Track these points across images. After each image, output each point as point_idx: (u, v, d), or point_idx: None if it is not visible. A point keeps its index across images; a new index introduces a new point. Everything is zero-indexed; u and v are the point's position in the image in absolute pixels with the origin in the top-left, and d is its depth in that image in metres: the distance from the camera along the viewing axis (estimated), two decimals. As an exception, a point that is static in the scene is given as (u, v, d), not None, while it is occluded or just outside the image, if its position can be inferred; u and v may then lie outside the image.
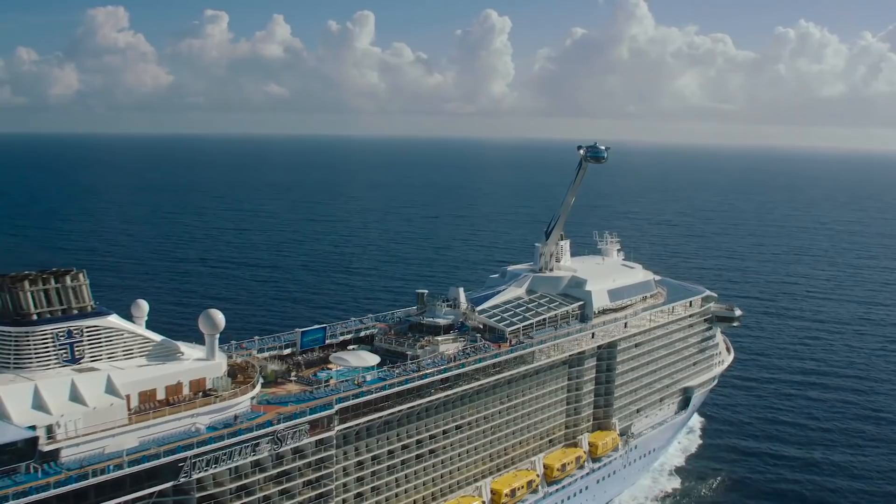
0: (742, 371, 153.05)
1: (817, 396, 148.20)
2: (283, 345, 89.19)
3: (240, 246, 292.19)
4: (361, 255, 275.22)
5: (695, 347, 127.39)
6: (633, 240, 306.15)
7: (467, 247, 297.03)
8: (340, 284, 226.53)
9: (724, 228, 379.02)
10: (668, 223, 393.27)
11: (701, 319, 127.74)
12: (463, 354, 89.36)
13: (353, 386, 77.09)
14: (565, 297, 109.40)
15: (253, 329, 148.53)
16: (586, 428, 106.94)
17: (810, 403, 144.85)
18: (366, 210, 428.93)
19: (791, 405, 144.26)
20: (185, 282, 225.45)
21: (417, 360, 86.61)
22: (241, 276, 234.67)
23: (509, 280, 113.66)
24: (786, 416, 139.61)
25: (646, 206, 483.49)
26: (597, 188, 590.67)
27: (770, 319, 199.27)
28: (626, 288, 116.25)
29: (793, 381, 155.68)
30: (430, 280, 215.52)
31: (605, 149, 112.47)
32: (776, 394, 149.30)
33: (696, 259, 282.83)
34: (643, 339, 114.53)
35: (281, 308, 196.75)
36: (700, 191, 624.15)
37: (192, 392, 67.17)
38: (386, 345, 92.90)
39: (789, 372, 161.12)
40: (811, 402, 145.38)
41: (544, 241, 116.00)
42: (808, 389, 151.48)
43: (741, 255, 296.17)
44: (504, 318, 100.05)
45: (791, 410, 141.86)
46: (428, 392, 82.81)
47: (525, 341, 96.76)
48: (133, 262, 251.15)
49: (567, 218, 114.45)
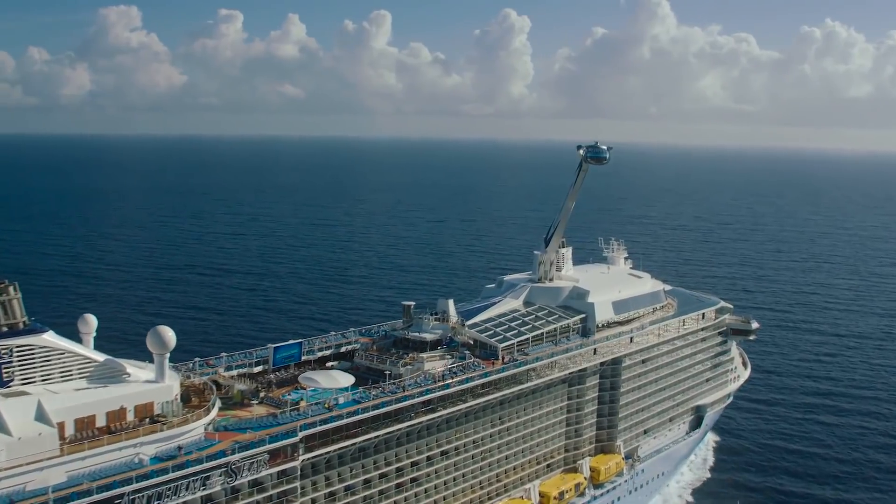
0: (751, 391, 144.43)
1: (832, 421, 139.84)
2: (253, 362, 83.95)
3: (232, 252, 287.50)
4: (358, 261, 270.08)
5: (708, 363, 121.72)
6: (645, 246, 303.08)
7: (470, 253, 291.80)
8: (331, 293, 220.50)
9: (741, 234, 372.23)
10: (682, 228, 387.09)
11: (714, 332, 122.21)
12: (450, 373, 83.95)
13: (322, 409, 71.67)
14: (565, 310, 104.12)
15: (229, 342, 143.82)
16: (588, 451, 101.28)
17: (824, 430, 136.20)
18: (370, 213, 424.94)
19: (802, 431, 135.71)
20: (166, 290, 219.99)
21: (400, 379, 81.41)
22: (227, 285, 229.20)
23: (505, 291, 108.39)
24: (796, 443, 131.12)
25: (661, 209, 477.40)
26: (612, 191, 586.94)
27: (783, 333, 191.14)
28: (633, 299, 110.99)
29: (805, 404, 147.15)
30: (426, 289, 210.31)
31: (606, 149, 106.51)
32: (786, 418, 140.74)
33: (709, 267, 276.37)
34: (651, 355, 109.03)
35: (263, 319, 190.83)
36: (719, 194, 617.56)
37: (138, 418, 61.68)
38: (367, 362, 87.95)
39: (802, 392, 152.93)
40: (825, 428, 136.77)
41: (543, 249, 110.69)
42: (822, 413, 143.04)
43: (758, 263, 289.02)
44: (497, 333, 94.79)
45: (802, 437, 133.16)
46: (408, 416, 77.32)
47: (519, 358, 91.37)
48: (115, 270, 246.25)
49: (568, 223, 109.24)
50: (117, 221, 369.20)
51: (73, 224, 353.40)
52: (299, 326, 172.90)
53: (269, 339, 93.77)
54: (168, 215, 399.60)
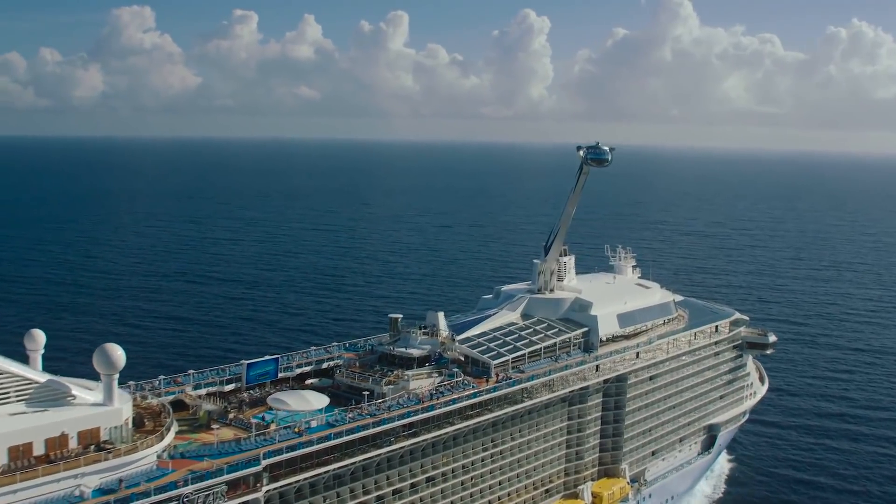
0: (761, 412, 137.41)
1: (846, 447, 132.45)
2: (225, 379, 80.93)
3: (225, 259, 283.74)
4: (355, 269, 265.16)
5: (721, 379, 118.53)
6: (659, 253, 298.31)
7: (475, 260, 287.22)
8: (323, 303, 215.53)
9: (759, 240, 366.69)
10: (699, 234, 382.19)
11: (729, 346, 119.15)
12: (437, 393, 79.96)
13: (291, 434, 67.58)
14: (566, 323, 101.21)
15: (206, 356, 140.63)
16: (590, 475, 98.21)
17: (837, 457, 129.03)
18: (376, 218, 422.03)
19: (814, 458, 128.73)
20: (149, 299, 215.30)
21: (382, 399, 77.97)
22: (215, 294, 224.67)
23: (502, 302, 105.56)
24: (807, 473, 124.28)
25: (678, 214, 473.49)
26: (628, 195, 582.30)
27: (799, 348, 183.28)
28: (640, 311, 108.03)
29: (818, 427, 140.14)
30: (422, 300, 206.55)
31: (608, 149, 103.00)
32: (797, 443, 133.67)
33: (725, 275, 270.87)
34: (659, 371, 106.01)
35: (246, 331, 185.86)
36: (739, 198, 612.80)
37: (82, 445, 58.06)
38: (348, 379, 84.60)
39: (816, 414, 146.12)
40: (838, 455, 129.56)
41: (543, 257, 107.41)
42: (838, 438, 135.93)
43: (776, 271, 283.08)
44: (490, 349, 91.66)
45: (814, 466, 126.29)
46: (388, 441, 73.12)
47: (514, 376, 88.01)
48: (100, 277, 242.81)
49: (577, 230, 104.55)
50: (113, 226, 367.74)
51: (67, 229, 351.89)
52: (284, 339, 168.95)
53: (250, 353, 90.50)
54: (167, 220, 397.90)
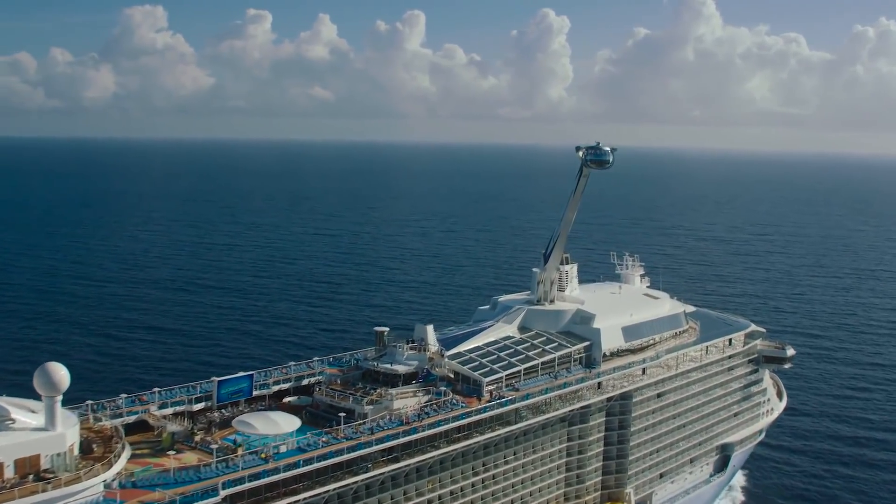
0: (771, 435, 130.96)
1: (863, 475, 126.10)
2: (194, 397, 77.52)
3: (219, 265, 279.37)
4: (353, 277, 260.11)
5: (736, 395, 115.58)
6: (672, 259, 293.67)
7: (478, 267, 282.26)
8: (315, 312, 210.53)
9: (779, 246, 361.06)
10: (716, 239, 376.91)
11: (744, 360, 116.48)
12: (422, 413, 77.25)
13: (257, 461, 63.92)
14: (567, 337, 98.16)
15: (183, 371, 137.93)
16: (592, 500, 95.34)
17: (851, 486, 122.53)
18: (382, 222, 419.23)
19: (825, 487, 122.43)
20: (132, 309, 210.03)
21: (361, 421, 74.36)
22: (202, 302, 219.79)
23: (499, 314, 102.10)
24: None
25: (695, 219, 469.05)
26: (646, 199, 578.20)
27: (813, 363, 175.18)
28: (647, 324, 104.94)
29: (832, 453, 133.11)
30: (419, 310, 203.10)
31: (610, 150, 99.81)
32: (808, 471, 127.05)
33: (741, 283, 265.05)
34: (667, 388, 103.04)
35: (228, 343, 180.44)
36: (759, 202, 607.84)
37: (19, 475, 54.45)
38: (327, 398, 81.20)
39: (830, 437, 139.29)
40: (852, 485, 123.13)
41: (542, 266, 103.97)
42: (851, 467, 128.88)
43: (794, 279, 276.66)
44: (483, 365, 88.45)
45: (825, 497, 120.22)
46: (365, 467, 69.33)
47: (507, 395, 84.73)
48: (85, 285, 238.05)
49: (587, 235, 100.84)
50: (109, 230, 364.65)
51: (60, 233, 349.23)
52: (267, 352, 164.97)
53: (230, 368, 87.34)
54: (165, 223, 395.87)
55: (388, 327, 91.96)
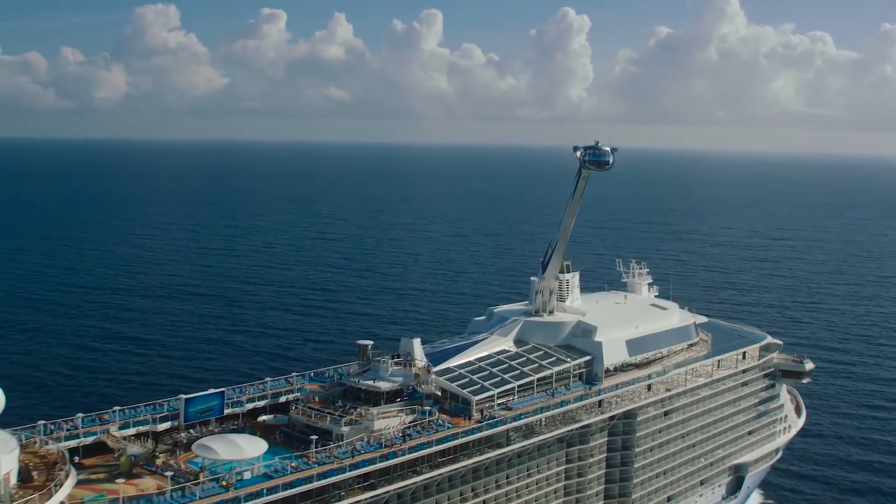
0: (784, 460, 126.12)
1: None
2: (159, 416, 74.92)
3: (213, 271, 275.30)
4: (351, 284, 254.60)
5: (750, 412, 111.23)
6: (686, 265, 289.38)
7: (483, 273, 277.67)
8: (305, 321, 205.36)
9: (799, 251, 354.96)
10: (734, 244, 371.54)
11: (759, 375, 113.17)
12: (405, 435, 74.30)
13: (218, 489, 62.23)
14: (567, 351, 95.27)
15: (158, 387, 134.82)
16: None
17: None
18: (387, 226, 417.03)
19: None
20: (111, 318, 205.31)
21: (336, 443, 71.80)
22: (187, 311, 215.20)
23: (494, 326, 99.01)
24: None
25: (713, 223, 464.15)
26: (664, 202, 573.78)
27: (829, 379, 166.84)
28: (654, 336, 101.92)
29: (846, 481, 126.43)
30: (415, 320, 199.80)
31: (610, 150, 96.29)
32: (819, 501, 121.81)
33: (756, 292, 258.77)
34: (675, 405, 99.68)
35: (208, 356, 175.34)
36: (782, 205, 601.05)
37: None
38: (304, 417, 78.25)
39: (846, 463, 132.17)
40: None
41: (540, 274, 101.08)
42: (866, 494, 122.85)
43: (813, 287, 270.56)
44: (473, 382, 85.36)
45: None
46: (337, 495, 67.46)
47: (499, 415, 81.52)
48: (67, 292, 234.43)
49: (599, 240, 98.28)
50: (103, 235, 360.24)
51: (53, 237, 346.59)
52: (250, 366, 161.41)
53: (206, 383, 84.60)
54: (164, 227, 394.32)
55: (373, 340, 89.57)
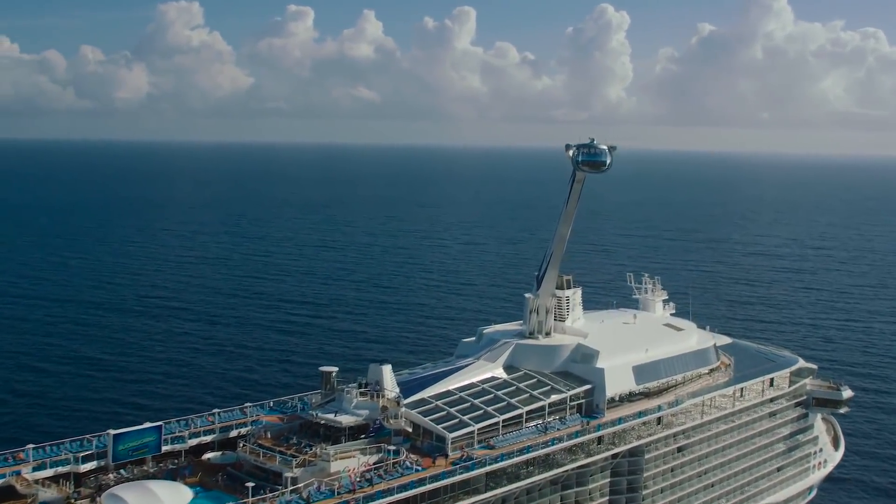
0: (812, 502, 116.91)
1: None
2: (83, 454, 68.71)
3: (195, 283, 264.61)
4: (344, 298, 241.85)
5: (779, 446, 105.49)
6: (713, 278, 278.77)
7: (492, 286, 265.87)
8: (285, 341, 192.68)
9: (839, 262, 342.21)
10: (767, 254, 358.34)
11: (790, 404, 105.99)
12: (364, 481, 67.45)
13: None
14: (564, 378, 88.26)
15: (103, 418, 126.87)
16: None
17: None
18: (397, 233, 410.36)
19: None
20: (76, 335, 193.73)
21: (286, 489, 65.18)
22: (158, 329, 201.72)
23: (483, 349, 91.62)
24: None
25: (749, 230, 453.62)
26: (702, 208, 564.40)
27: (861, 412, 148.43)
28: (666, 361, 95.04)
29: None
30: (406, 341, 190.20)
31: (606, 149, 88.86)
32: None
33: (789, 308, 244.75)
34: (691, 440, 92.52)
35: (172, 381, 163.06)
36: (825, 211, 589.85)
37: None
38: (252, 455, 71.53)
39: None
40: None
41: (534, 291, 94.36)
42: None
43: (852, 302, 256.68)
44: (451, 416, 78.21)
45: None
46: None
47: (478, 454, 74.18)
48: (33, 305, 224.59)
49: (616, 249, 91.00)
50: (93, 243, 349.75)
51: (39, 245, 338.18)
52: (210, 393, 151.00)
53: (161, 413, 77.56)
54: (159, 234, 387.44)
55: (355, 362, 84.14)
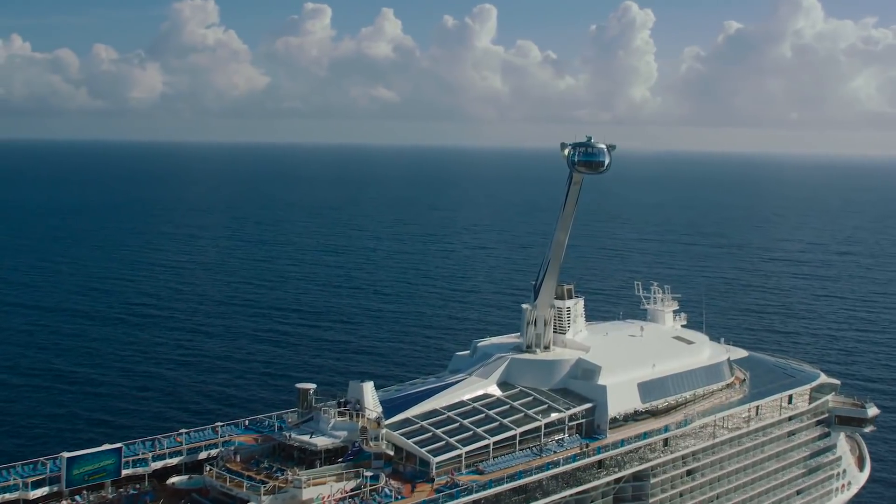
0: None
1: None
2: (33, 479, 65.39)
3: (185, 290, 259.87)
4: (335, 307, 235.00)
5: (799, 467, 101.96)
6: (730, 284, 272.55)
7: (497, 294, 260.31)
8: (272, 352, 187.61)
9: (865, 268, 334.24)
10: (787, 260, 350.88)
11: (811, 422, 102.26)
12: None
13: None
14: (563, 396, 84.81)
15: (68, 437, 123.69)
16: None
17: None
18: (405, 237, 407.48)
19: None
20: (48, 347, 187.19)
21: None
22: (139, 339, 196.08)
23: (477, 363, 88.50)
24: None
25: (770, 234, 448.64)
26: (725, 211, 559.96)
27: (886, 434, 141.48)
28: (675, 377, 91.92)
29: None
30: (399, 355, 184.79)
31: (605, 148, 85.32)
32: None
33: (810, 318, 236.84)
34: (701, 463, 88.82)
35: (139, 397, 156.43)
36: (851, 215, 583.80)
37: None
38: (219, 482, 68.10)
39: None
40: None
41: (532, 301, 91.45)
42: None
43: (877, 312, 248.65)
44: (437, 438, 74.65)
45: None
46: None
47: (464, 479, 70.56)
48: (18, 314, 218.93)
49: (632, 254, 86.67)
50: (85, 248, 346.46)
51: (29, 249, 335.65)
52: (182, 410, 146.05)
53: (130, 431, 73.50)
54: (155, 238, 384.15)
55: (338, 376, 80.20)
